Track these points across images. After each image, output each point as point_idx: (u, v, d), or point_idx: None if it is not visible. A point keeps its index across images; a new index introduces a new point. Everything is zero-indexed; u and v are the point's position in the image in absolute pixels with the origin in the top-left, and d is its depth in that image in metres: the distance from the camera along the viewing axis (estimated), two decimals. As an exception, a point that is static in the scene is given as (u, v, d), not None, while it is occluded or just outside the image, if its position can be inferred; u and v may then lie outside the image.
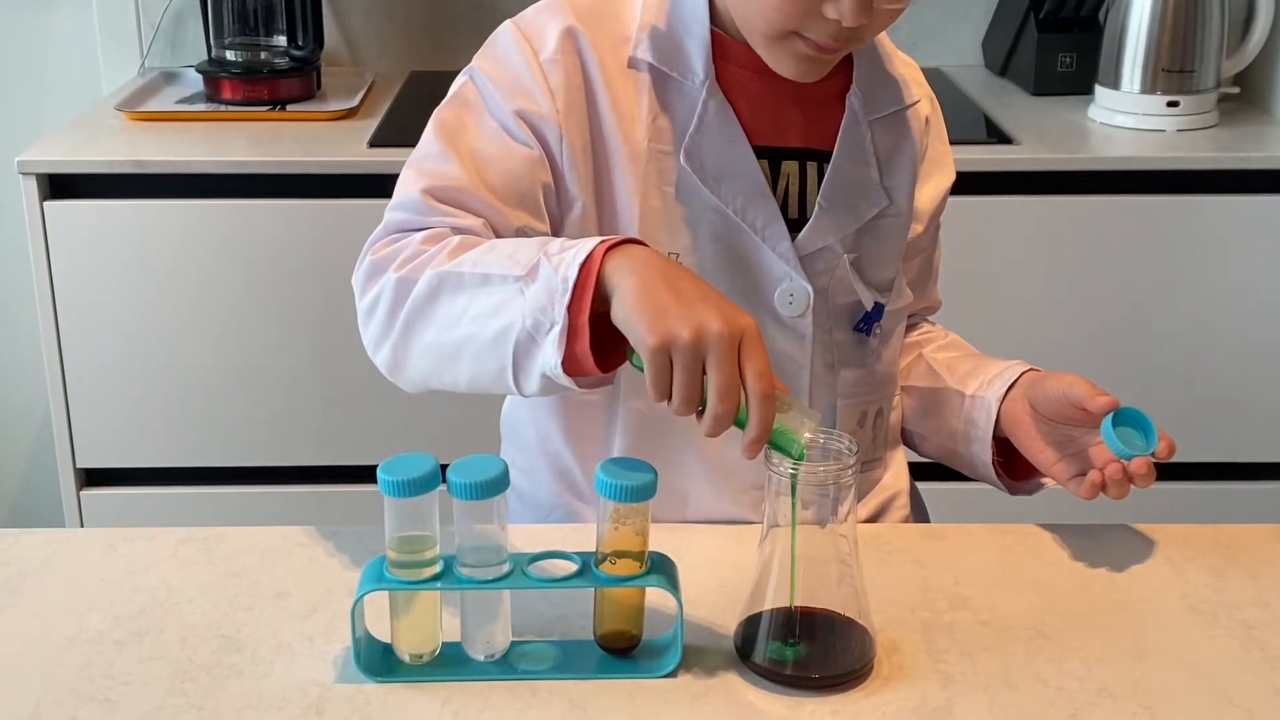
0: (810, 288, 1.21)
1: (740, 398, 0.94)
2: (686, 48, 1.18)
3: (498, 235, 1.14)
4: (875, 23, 1.10)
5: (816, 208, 1.21)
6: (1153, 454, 1.14)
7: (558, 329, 0.99)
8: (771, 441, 0.95)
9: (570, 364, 0.99)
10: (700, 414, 0.96)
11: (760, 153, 1.20)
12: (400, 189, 1.16)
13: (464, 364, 1.06)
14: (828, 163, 1.22)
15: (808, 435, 0.96)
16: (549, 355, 0.99)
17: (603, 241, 1.01)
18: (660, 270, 0.98)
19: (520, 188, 1.15)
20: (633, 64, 1.18)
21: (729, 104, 1.18)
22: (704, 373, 0.95)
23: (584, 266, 0.99)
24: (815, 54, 1.12)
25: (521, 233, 1.15)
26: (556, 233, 1.18)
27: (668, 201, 1.18)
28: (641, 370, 0.97)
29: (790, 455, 0.95)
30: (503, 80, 1.17)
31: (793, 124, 1.21)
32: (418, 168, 1.16)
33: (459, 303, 1.05)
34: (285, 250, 2.14)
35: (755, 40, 1.14)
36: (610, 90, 1.17)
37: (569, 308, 0.98)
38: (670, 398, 0.96)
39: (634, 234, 1.17)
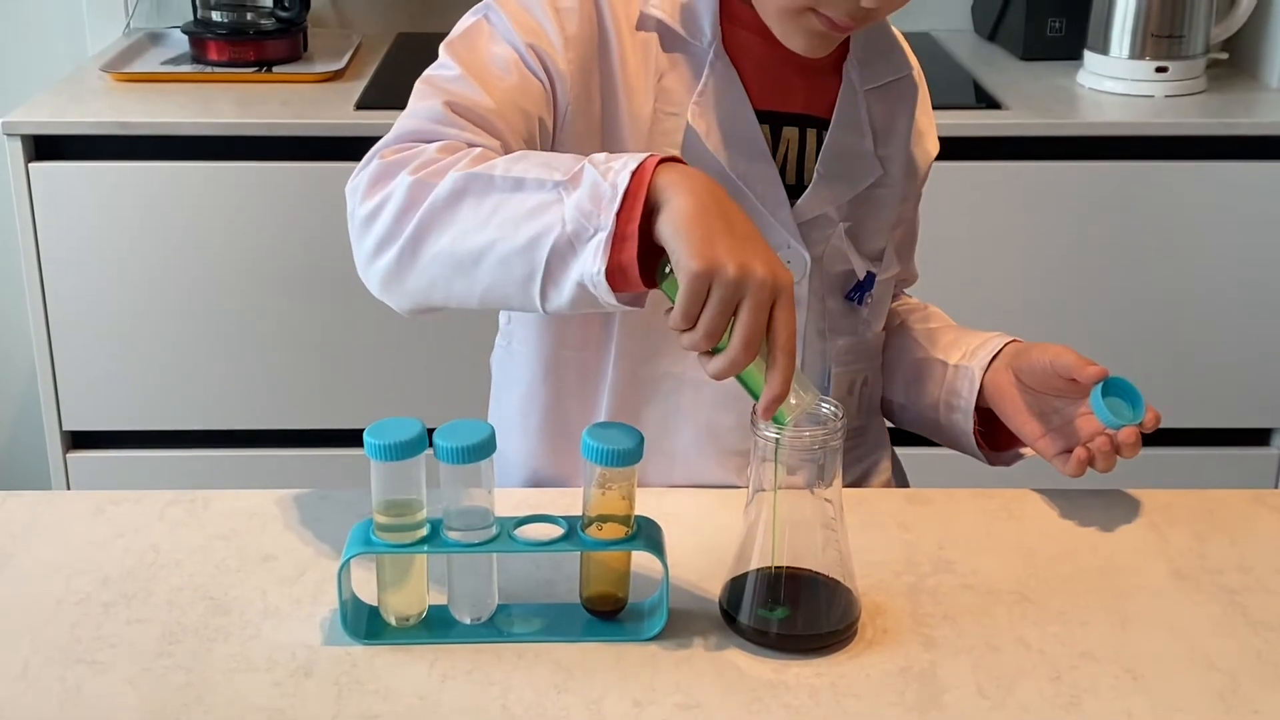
0: (808, 255, 1.21)
1: (754, 353, 0.93)
2: (696, 7, 1.18)
3: None
4: (891, 2, 1.10)
5: (815, 175, 1.21)
6: (1140, 424, 1.15)
7: (603, 235, 0.94)
8: (756, 399, 0.95)
9: (612, 273, 0.95)
10: (709, 355, 0.94)
11: (762, 117, 1.20)
12: (416, 102, 1.12)
13: (484, 272, 1.00)
14: (826, 130, 1.22)
15: (793, 401, 0.95)
16: (589, 263, 0.95)
17: (651, 155, 0.97)
18: (715, 196, 0.95)
19: (531, 128, 1.13)
20: (642, 23, 1.17)
21: (734, 68, 1.18)
22: (732, 314, 0.92)
23: (635, 175, 0.95)
24: (828, 31, 1.12)
25: None
26: None
27: None
28: (665, 291, 0.94)
29: (777, 421, 0.96)
30: (520, 20, 1.14)
31: (795, 89, 1.21)
32: (435, 84, 1.12)
33: (486, 206, 1.00)
34: (271, 213, 2.14)
35: (768, 13, 1.14)
36: (620, 49, 1.16)
37: (618, 214, 0.94)
38: (692, 327, 0.92)
39: None
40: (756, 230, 0.96)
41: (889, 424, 1.41)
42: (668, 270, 0.95)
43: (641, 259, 0.95)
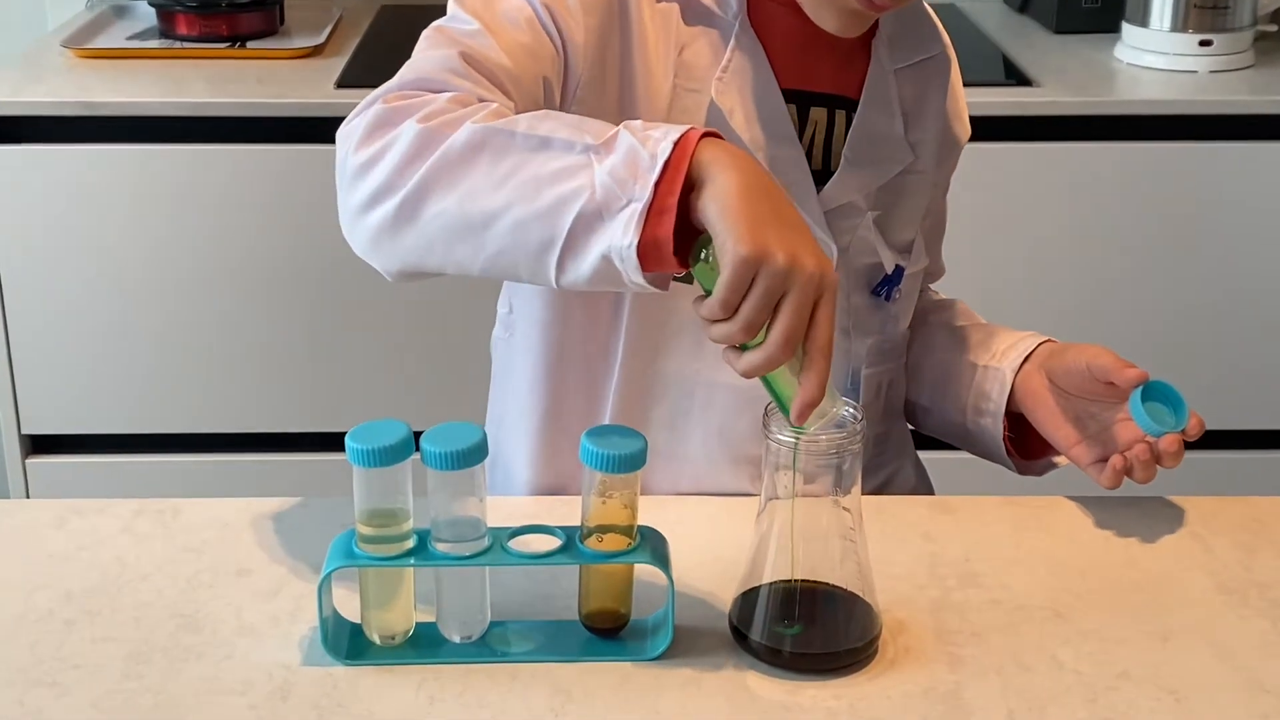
0: (834, 245, 1.21)
1: (791, 352, 0.92)
2: None
3: None
4: None
5: (843, 160, 1.21)
6: (1183, 431, 1.14)
7: (639, 206, 0.93)
8: (780, 402, 0.95)
9: (642, 250, 0.93)
10: (737, 352, 0.94)
11: (789, 96, 1.20)
12: (427, 50, 1.09)
13: (494, 237, 0.98)
14: (854, 112, 1.22)
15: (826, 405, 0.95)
16: (619, 234, 0.93)
17: (693, 127, 0.96)
18: (762, 179, 0.94)
19: (538, 91, 1.12)
20: None
21: (760, 43, 1.18)
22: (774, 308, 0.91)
23: (678, 145, 0.94)
24: (864, 9, 1.12)
25: None
26: None
27: None
28: (698, 276, 0.94)
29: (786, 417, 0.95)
30: None
31: (823, 67, 1.21)
32: (449, 35, 1.10)
33: (504, 164, 0.97)
34: (245, 199, 2.14)
35: None
36: (640, 20, 1.16)
37: (656, 185, 0.93)
38: (729, 317, 0.91)
39: None
40: (803, 220, 0.95)
41: (911, 429, 1.41)
42: (703, 254, 0.94)
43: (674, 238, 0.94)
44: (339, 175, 1.05)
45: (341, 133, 1.05)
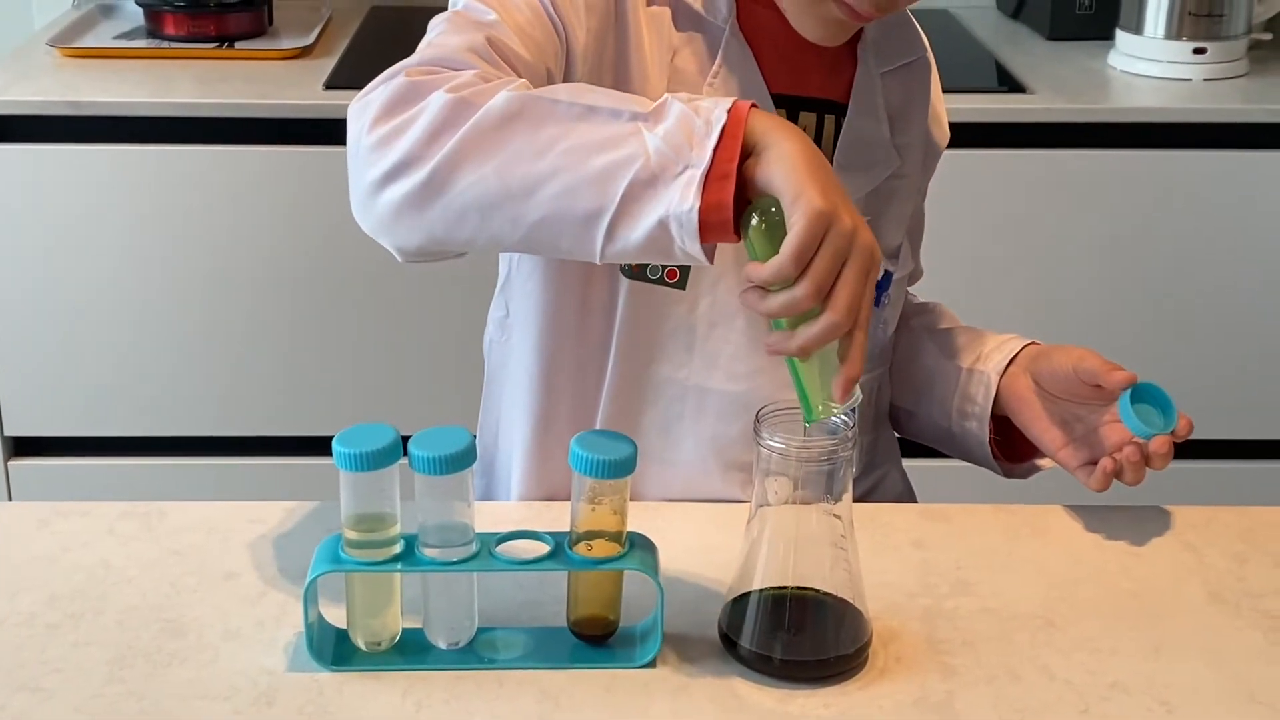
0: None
1: (854, 322, 0.92)
2: None
3: None
4: None
5: (834, 165, 1.21)
6: (1172, 433, 1.15)
7: (699, 171, 0.92)
8: (803, 393, 0.95)
9: (703, 214, 0.93)
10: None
11: (778, 101, 1.20)
12: (450, 33, 1.07)
13: (537, 204, 0.95)
14: (843, 117, 1.22)
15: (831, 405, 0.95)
16: (678, 199, 0.92)
17: (738, 99, 0.96)
18: (817, 151, 0.95)
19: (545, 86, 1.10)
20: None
21: (750, 48, 1.19)
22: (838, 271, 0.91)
23: (732, 112, 0.94)
24: (849, 19, 1.12)
25: None
26: None
27: None
28: (752, 244, 0.93)
29: (809, 414, 0.95)
30: None
31: (813, 71, 1.22)
32: (471, 20, 1.08)
33: (545, 134, 0.96)
34: (233, 200, 2.14)
35: None
36: (635, 24, 1.16)
37: (716, 151, 0.93)
38: (803, 274, 0.90)
39: None
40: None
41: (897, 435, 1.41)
42: (754, 220, 0.94)
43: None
44: (352, 151, 1.01)
45: (355, 107, 1.02)
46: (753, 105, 0.96)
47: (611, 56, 1.16)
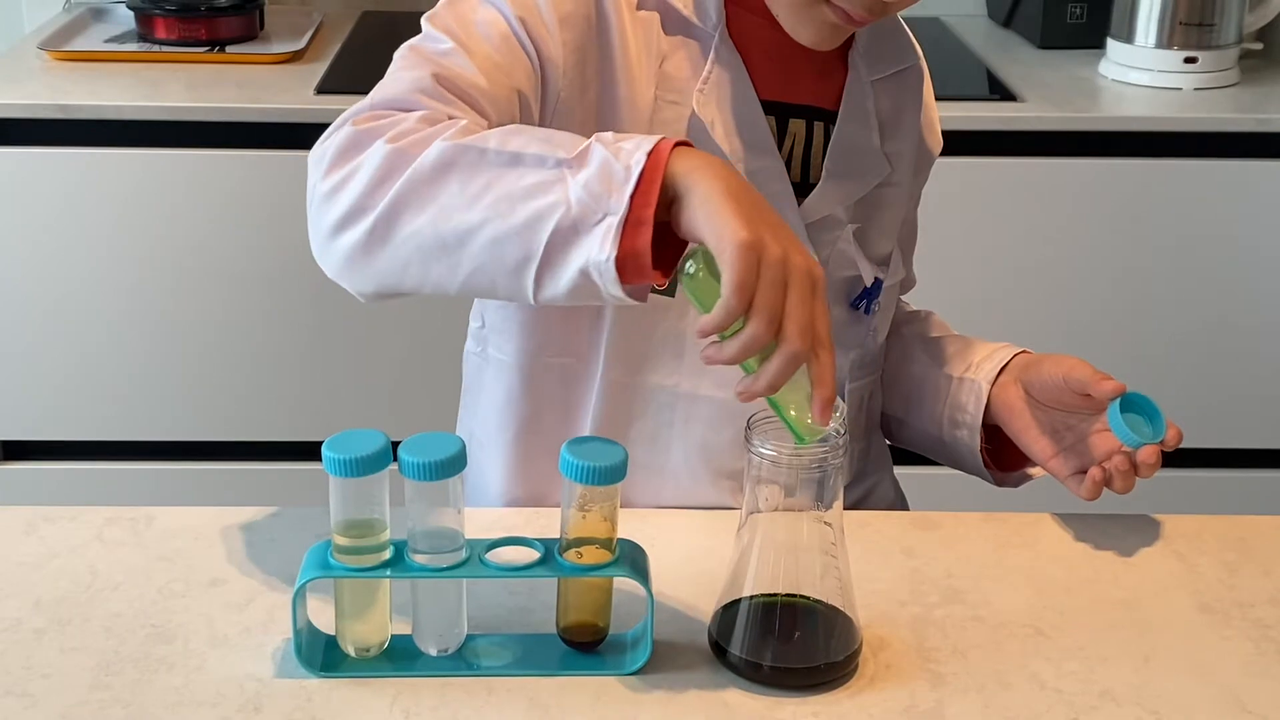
0: (815, 258, 1.21)
1: (810, 345, 0.92)
2: None
3: None
4: None
5: (824, 173, 1.21)
6: (1161, 442, 1.15)
7: (615, 219, 0.93)
8: (786, 420, 0.95)
9: (621, 262, 0.93)
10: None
11: (768, 108, 1.20)
12: (400, 70, 1.09)
13: (470, 255, 0.98)
14: (833, 123, 1.22)
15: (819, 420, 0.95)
16: (596, 249, 0.93)
17: (664, 137, 0.96)
18: (742, 181, 0.95)
19: (514, 107, 1.11)
20: (642, 4, 1.17)
21: (739, 54, 1.19)
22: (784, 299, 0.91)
23: (650, 156, 0.94)
24: (842, 23, 1.12)
25: None
26: None
27: None
28: (689, 292, 0.93)
29: (797, 437, 0.95)
30: None
31: (803, 78, 1.22)
32: (423, 54, 1.10)
33: (476, 182, 0.98)
34: (223, 205, 2.13)
35: (778, 3, 1.14)
36: (621, 31, 1.16)
37: (632, 197, 0.93)
38: (748, 310, 0.90)
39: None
40: (785, 222, 0.95)
41: (888, 443, 1.41)
42: (690, 269, 0.94)
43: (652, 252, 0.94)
44: (309, 199, 1.05)
45: (312, 156, 1.05)
46: (677, 144, 0.96)
47: (595, 67, 1.15)
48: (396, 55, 1.12)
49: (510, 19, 1.12)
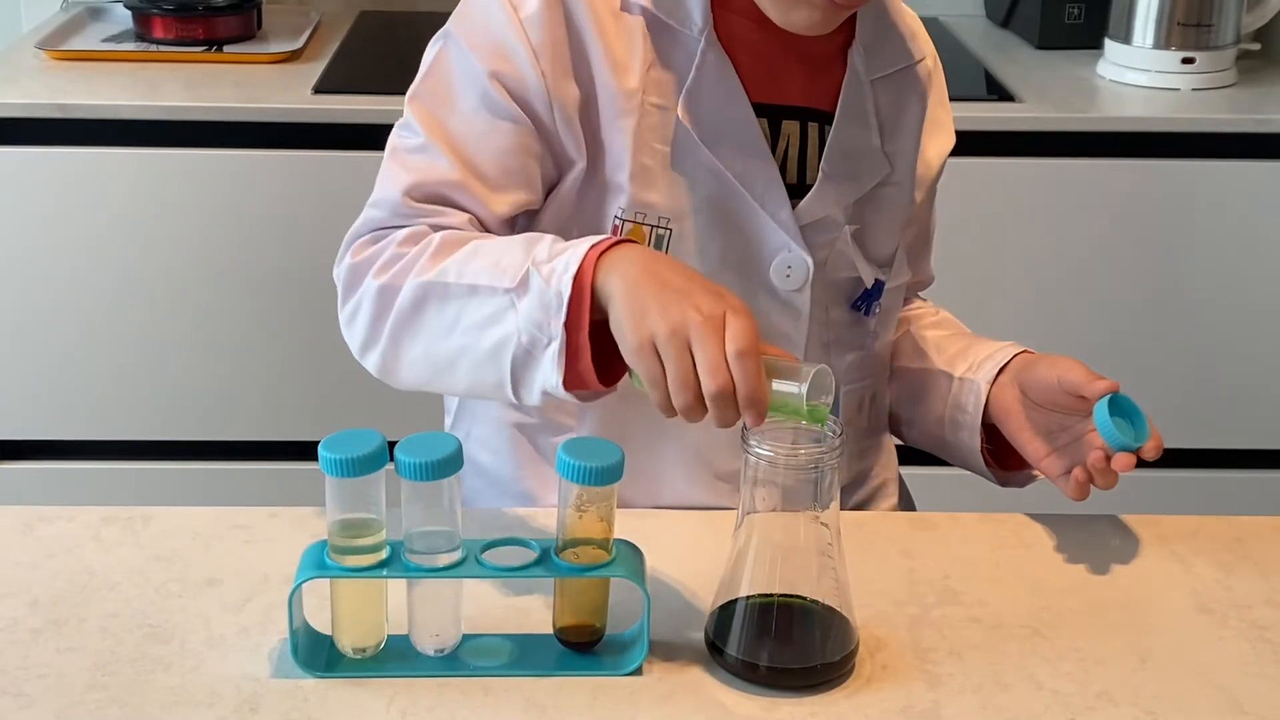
0: (810, 260, 1.21)
1: (729, 373, 0.96)
2: None
3: (484, 227, 1.16)
4: None
5: (820, 174, 1.21)
6: (1138, 450, 1.14)
7: (555, 345, 1.02)
8: (776, 409, 0.96)
9: (572, 380, 1.03)
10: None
11: (759, 110, 1.19)
12: (382, 184, 1.18)
13: (461, 375, 1.10)
14: (829, 124, 1.22)
15: (807, 396, 0.96)
16: (549, 373, 1.03)
17: (593, 246, 1.03)
18: (646, 266, 1.01)
19: (511, 165, 1.16)
20: (626, 7, 1.17)
21: (728, 56, 1.18)
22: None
23: (577, 278, 1.02)
24: (829, 7, 1.12)
25: (512, 222, 1.18)
26: (551, 195, 1.18)
27: (662, 161, 1.17)
28: (638, 390, 1.01)
29: (803, 418, 0.97)
30: (481, 45, 1.16)
31: (794, 79, 1.21)
32: (401, 161, 1.17)
33: (448, 313, 1.09)
34: (220, 204, 2.13)
35: None
36: (603, 39, 1.16)
37: (566, 324, 1.01)
38: (670, 401, 0.98)
39: (627, 192, 1.17)
40: (696, 276, 1.02)
41: (897, 441, 1.41)
42: (630, 374, 1.01)
43: (611, 350, 1.02)
44: (339, 315, 1.17)
45: (334, 274, 1.17)
46: (603, 253, 1.03)
47: (576, 89, 1.16)
48: (384, 156, 1.19)
49: (487, 88, 1.16)
